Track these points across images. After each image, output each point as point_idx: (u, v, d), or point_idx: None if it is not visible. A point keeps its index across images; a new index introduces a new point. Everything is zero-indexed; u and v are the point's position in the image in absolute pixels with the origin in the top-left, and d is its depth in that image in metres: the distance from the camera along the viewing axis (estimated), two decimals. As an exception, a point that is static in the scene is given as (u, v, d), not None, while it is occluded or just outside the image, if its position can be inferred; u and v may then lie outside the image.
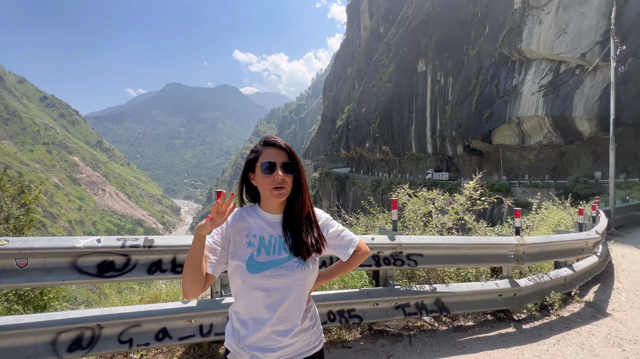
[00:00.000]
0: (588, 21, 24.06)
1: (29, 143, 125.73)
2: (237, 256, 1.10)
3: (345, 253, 1.27)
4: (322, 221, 1.24)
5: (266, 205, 1.15)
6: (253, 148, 1.16)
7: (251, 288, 1.07)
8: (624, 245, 8.99)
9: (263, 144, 1.14)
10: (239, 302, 1.12)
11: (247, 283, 1.07)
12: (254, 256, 1.08)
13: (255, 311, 1.08)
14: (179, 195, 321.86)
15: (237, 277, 1.10)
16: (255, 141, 1.07)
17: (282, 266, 1.09)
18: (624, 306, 4.36)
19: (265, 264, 1.08)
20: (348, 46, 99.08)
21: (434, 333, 3.34)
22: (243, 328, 1.10)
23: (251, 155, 1.14)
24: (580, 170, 26.71)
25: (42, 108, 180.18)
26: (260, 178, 1.10)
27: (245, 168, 1.16)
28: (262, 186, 1.10)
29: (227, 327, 1.17)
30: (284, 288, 1.08)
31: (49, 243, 2.07)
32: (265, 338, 1.08)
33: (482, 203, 4.87)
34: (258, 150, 1.13)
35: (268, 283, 1.07)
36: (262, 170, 1.08)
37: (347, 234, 1.29)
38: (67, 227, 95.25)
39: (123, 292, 3.51)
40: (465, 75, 38.10)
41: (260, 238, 1.11)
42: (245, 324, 1.10)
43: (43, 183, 5.51)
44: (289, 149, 1.13)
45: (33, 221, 4.19)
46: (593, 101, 23.66)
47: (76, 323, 2.14)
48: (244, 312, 1.11)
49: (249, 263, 1.07)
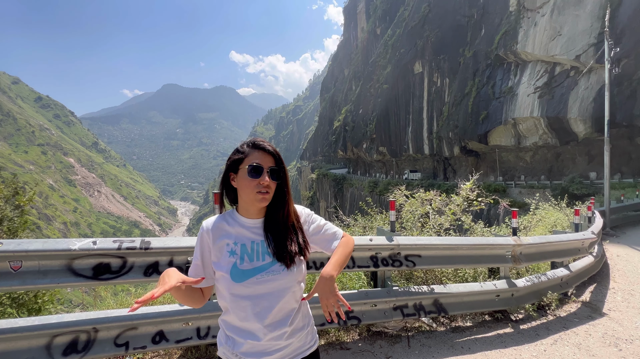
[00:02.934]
0: (582, 23, 24.33)
1: (24, 144, 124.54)
2: (220, 267, 1.06)
3: (329, 248, 1.21)
4: (304, 218, 1.20)
5: (245, 210, 1.11)
6: (239, 148, 1.11)
7: (238, 297, 1.04)
8: (619, 245, 9.07)
9: (251, 146, 1.09)
10: (228, 312, 1.08)
11: (233, 292, 1.04)
12: (237, 265, 1.04)
13: (246, 320, 1.05)
14: (176, 197, 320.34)
15: (222, 287, 1.06)
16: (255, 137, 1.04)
17: (267, 272, 1.05)
18: (620, 306, 4.39)
19: (250, 271, 1.04)
20: (345, 47, 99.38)
21: (432, 333, 3.34)
22: (237, 336, 1.07)
23: (236, 156, 1.09)
24: (575, 171, 26.95)
25: (37, 109, 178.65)
26: (244, 181, 1.06)
27: (228, 168, 1.11)
28: (245, 189, 1.06)
29: (219, 336, 1.13)
30: (272, 293, 1.05)
31: (43, 246, 2.04)
32: (260, 344, 1.05)
33: (479, 204, 4.89)
34: (245, 152, 1.08)
35: (254, 290, 1.04)
36: (248, 172, 1.04)
37: (330, 227, 1.24)
38: (62, 229, 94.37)
39: (119, 294, 3.48)
40: (461, 76, 38.35)
41: (242, 246, 1.07)
42: (237, 332, 1.07)
43: (38, 185, 5.46)
44: (277, 154, 1.10)
45: (27, 223, 4.14)
46: (588, 102, 23.90)
47: (71, 326, 2.12)
48: (234, 321, 1.07)
49: (233, 273, 1.03)
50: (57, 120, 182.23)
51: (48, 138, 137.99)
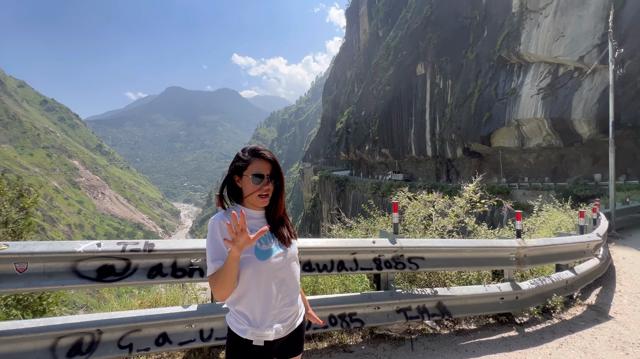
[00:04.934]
0: (586, 24, 24.19)
1: (29, 147, 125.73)
2: (245, 250, 1.24)
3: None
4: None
5: (251, 204, 1.34)
6: (241, 155, 1.31)
7: (264, 273, 1.26)
8: (625, 247, 8.97)
9: (252, 154, 1.30)
10: (245, 296, 1.27)
11: (258, 270, 1.26)
12: (258, 247, 1.28)
13: (269, 293, 1.27)
14: (179, 199, 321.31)
15: (247, 269, 1.25)
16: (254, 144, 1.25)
17: (277, 252, 1.32)
18: (626, 309, 4.33)
19: (267, 251, 1.29)
20: (347, 49, 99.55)
21: (436, 336, 3.32)
22: (259, 314, 1.27)
23: (239, 163, 1.30)
24: (579, 173, 26.71)
25: (42, 112, 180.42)
26: (248, 185, 1.29)
27: (232, 172, 1.32)
28: (249, 191, 1.30)
29: (238, 323, 1.29)
30: (284, 268, 1.32)
31: (48, 248, 2.06)
32: (280, 312, 1.31)
33: (482, 205, 4.86)
34: (247, 160, 1.29)
35: (273, 266, 1.29)
36: (252, 180, 1.28)
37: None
38: (66, 231, 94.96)
39: (122, 296, 3.49)
40: (464, 78, 38.24)
41: (253, 231, 1.25)
42: (259, 310, 1.27)
43: (42, 187, 5.50)
44: (275, 161, 1.33)
45: (32, 224, 4.18)
46: (592, 103, 23.71)
47: (75, 328, 2.13)
48: (254, 301, 1.27)
49: (257, 253, 1.27)
50: (62, 123, 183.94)
51: (53, 141, 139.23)
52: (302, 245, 2.81)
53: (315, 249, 2.87)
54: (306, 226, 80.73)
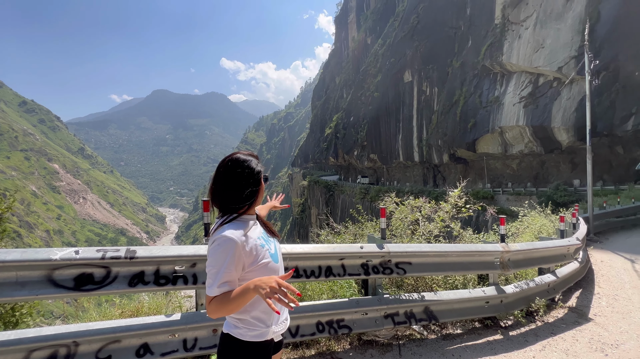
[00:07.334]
0: (563, 37, 25.31)
1: (6, 149, 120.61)
2: (262, 258, 1.30)
3: None
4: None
5: (254, 209, 1.42)
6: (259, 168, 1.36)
7: (275, 271, 1.34)
8: (602, 250, 9.29)
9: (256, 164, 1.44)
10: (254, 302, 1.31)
11: (271, 270, 1.32)
12: (270, 251, 1.36)
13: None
14: (165, 204, 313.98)
15: (263, 273, 1.28)
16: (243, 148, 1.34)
17: (278, 245, 1.46)
18: (605, 311, 4.47)
19: (275, 252, 1.40)
20: (336, 56, 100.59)
21: (423, 341, 3.33)
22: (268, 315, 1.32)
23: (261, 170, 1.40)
24: (560, 178, 27.67)
25: (21, 113, 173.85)
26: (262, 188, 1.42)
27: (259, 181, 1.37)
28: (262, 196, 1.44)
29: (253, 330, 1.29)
30: (282, 262, 1.45)
31: (22, 256, 1.96)
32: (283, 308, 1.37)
33: (467, 210, 4.95)
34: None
35: (281, 264, 1.42)
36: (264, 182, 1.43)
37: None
38: (44, 237, 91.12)
39: (103, 305, 3.36)
40: (450, 85, 39.22)
41: (260, 237, 1.35)
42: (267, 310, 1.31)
43: (19, 191, 5.27)
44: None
45: (6, 231, 3.98)
46: (570, 112, 24.71)
47: (50, 340, 2.03)
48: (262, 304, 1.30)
49: (272, 257, 1.35)
50: (42, 125, 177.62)
51: (32, 143, 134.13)
52: (289, 251, 2.79)
53: (302, 255, 2.85)
54: (295, 231, 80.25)
